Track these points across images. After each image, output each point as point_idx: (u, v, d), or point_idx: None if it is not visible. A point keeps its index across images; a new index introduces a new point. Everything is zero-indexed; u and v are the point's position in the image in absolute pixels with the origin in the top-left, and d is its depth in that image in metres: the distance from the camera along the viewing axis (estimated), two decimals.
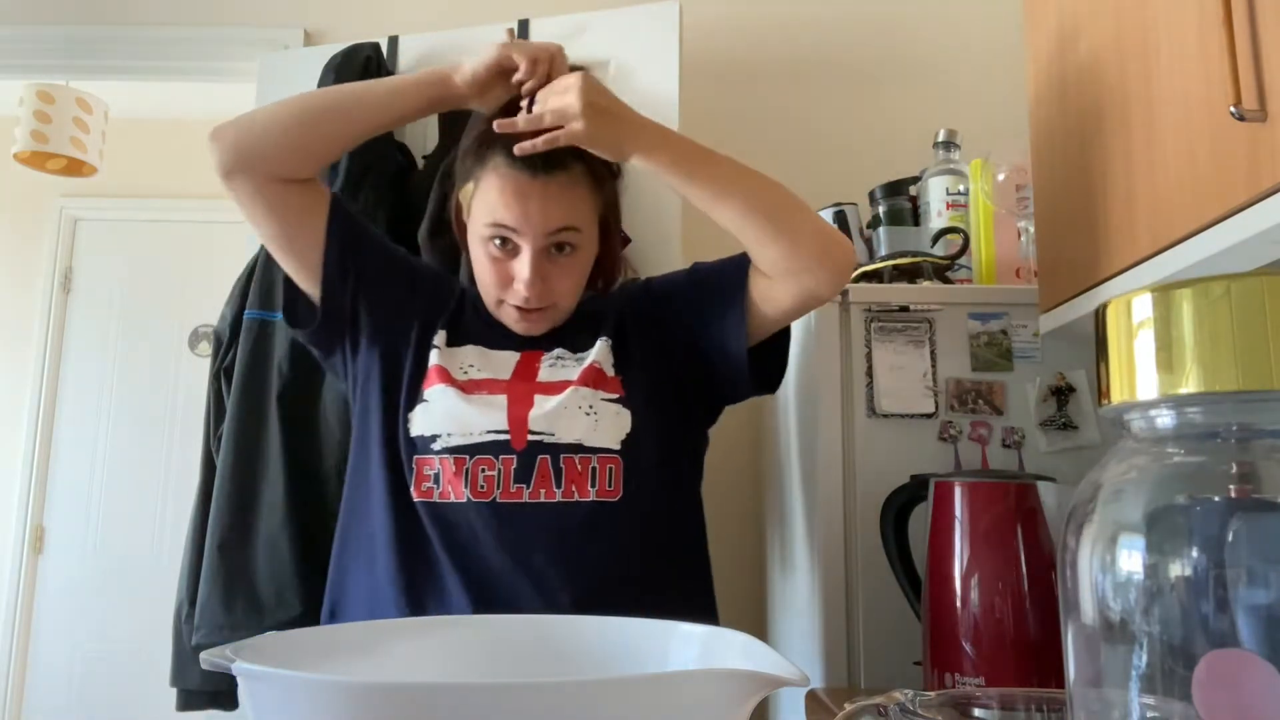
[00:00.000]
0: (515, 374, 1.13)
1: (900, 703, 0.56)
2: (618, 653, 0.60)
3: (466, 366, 1.13)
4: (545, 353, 1.15)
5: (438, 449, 1.07)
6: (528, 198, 1.08)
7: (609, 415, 1.09)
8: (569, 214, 1.10)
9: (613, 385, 1.12)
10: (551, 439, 1.06)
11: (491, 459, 1.06)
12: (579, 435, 1.06)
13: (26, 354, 3.61)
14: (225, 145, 1.10)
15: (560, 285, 1.13)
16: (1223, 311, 0.36)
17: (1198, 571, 0.36)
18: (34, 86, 2.99)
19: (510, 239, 1.10)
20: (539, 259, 1.10)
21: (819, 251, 1.08)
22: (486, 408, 1.08)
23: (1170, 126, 0.88)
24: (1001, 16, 2.01)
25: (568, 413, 1.07)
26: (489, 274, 1.12)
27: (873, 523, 1.17)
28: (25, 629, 3.46)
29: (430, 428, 1.08)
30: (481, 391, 1.10)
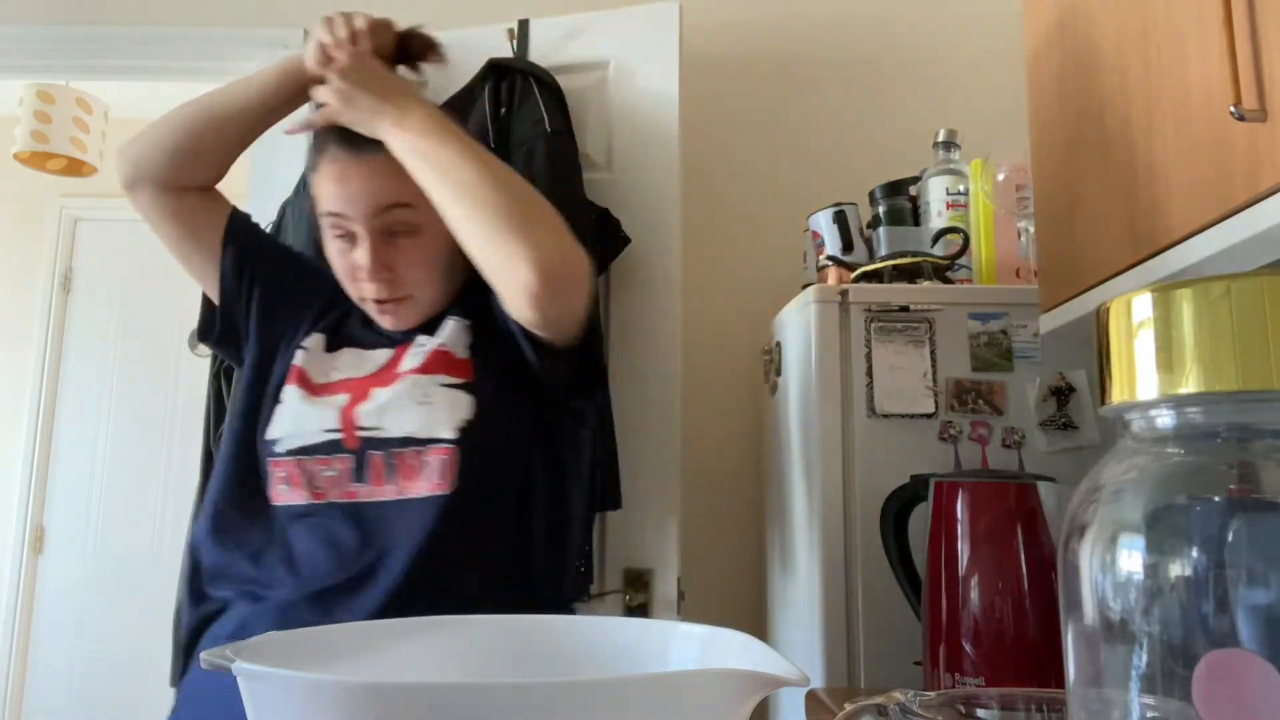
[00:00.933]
0: (378, 370, 1.09)
1: (900, 703, 0.56)
2: (618, 653, 0.60)
3: (333, 369, 1.11)
4: (411, 343, 1.10)
5: (281, 451, 1.05)
6: (350, 179, 1.05)
7: (445, 403, 1.03)
8: (396, 190, 1.05)
9: (461, 369, 1.06)
10: (381, 434, 1.02)
11: (328, 459, 1.03)
12: (410, 428, 1.02)
13: (26, 354, 3.61)
14: (124, 160, 1.13)
15: (408, 272, 1.08)
16: (1223, 311, 0.36)
17: (1198, 571, 0.36)
18: (34, 86, 2.99)
19: (345, 229, 1.07)
20: (376, 245, 1.06)
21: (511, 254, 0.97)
22: (325, 407, 1.06)
23: (1170, 126, 0.88)
24: (1001, 16, 2.01)
25: (397, 405, 1.03)
26: (340, 270, 1.10)
27: (873, 523, 1.17)
28: (25, 629, 3.46)
29: (278, 430, 1.06)
30: (329, 393, 1.08)
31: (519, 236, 0.97)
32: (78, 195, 3.65)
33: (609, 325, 1.67)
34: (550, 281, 0.97)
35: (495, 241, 0.98)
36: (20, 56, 2.21)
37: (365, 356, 1.12)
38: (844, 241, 1.58)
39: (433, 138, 1.02)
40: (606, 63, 1.74)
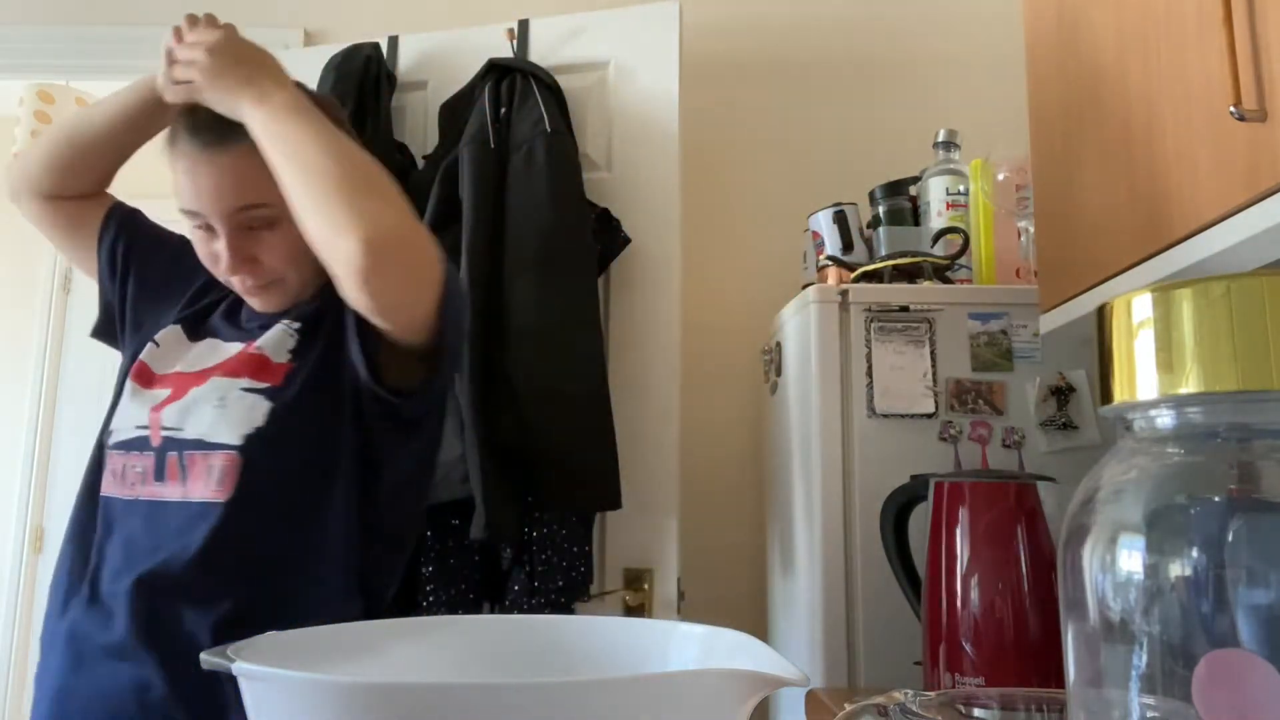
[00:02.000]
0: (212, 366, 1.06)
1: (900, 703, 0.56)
2: (618, 653, 0.60)
3: (177, 361, 1.09)
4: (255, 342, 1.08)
5: (111, 444, 1.06)
6: (199, 175, 1.02)
7: (240, 408, 1.00)
8: (247, 190, 1.02)
9: (270, 373, 1.03)
10: (180, 434, 1.01)
11: (139, 455, 1.03)
12: (202, 430, 1.00)
13: (26, 354, 3.61)
14: (9, 173, 1.19)
15: (269, 260, 1.05)
16: (1223, 311, 0.36)
17: (1198, 571, 0.36)
18: (34, 86, 2.99)
19: (203, 223, 1.04)
20: (235, 239, 1.03)
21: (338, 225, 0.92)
22: (144, 402, 1.06)
23: (1170, 126, 0.88)
24: (1001, 17, 2.01)
25: (198, 406, 1.02)
26: (204, 258, 1.07)
27: (873, 523, 1.17)
28: (25, 629, 3.46)
29: (112, 423, 1.08)
30: (156, 386, 1.07)
31: (348, 209, 0.92)
32: None
33: (609, 325, 1.68)
34: (378, 256, 0.91)
35: (325, 213, 0.93)
36: (20, 56, 2.21)
37: (219, 349, 1.09)
38: (844, 241, 1.58)
39: (290, 119, 0.98)
40: (606, 63, 1.74)
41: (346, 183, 0.94)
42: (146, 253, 1.21)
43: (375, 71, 1.75)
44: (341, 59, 1.75)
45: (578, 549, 1.53)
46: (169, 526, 0.99)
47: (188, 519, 0.99)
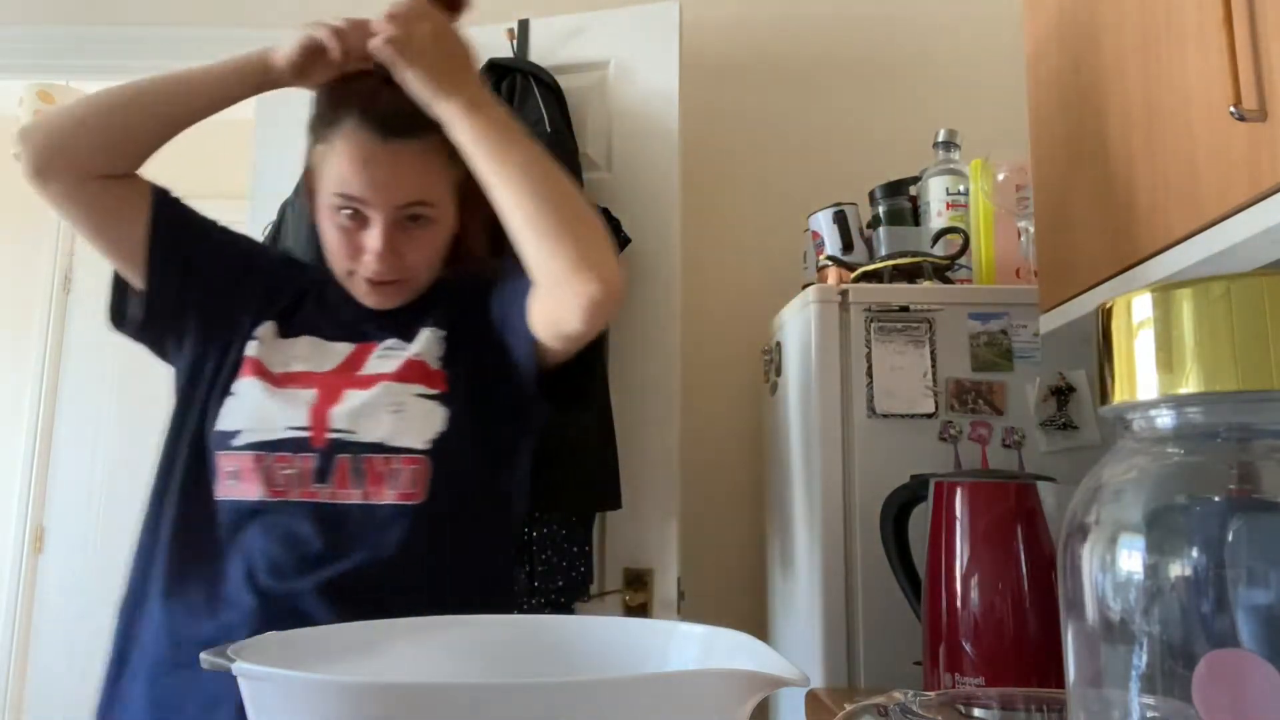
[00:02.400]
0: (340, 366, 1.06)
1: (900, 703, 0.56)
2: (618, 653, 0.60)
3: (291, 358, 1.07)
4: (378, 344, 1.08)
5: (238, 444, 1.01)
6: (376, 165, 1.01)
7: (419, 413, 1.01)
8: (421, 187, 1.03)
9: (435, 380, 1.04)
10: (352, 437, 1.00)
11: (290, 456, 1.00)
12: (382, 435, 1.00)
13: (26, 354, 3.61)
14: (35, 145, 1.04)
15: (414, 258, 1.06)
16: (1223, 311, 0.36)
17: (1198, 571, 0.36)
18: (34, 86, 2.99)
19: (359, 209, 1.03)
20: (390, 231, 1.03)
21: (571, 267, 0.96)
22: (291, 402, 1.02)
23: (1170, 126, 0.88)
24: (1001, 17, 2.01)
25: (372, 410, 1.01)
26: (337, 245, 1.06)
27: (873, 523, 1.17)
28: (25, 629, 3.46)
29: (233, 422, 1.02)
30: (294, 385, 1.04)
31: (585, 247, 0.97)
32: None
33: (610, 328, 1.67)
34: (614, 299, 0.98)
35: (562, 247, 0.97)
36: (20, 56, 2.21)
37: (325, 348, 1.08)
38: (844, 241, 1.58)
39: (511, 138, 1.00)
40: (606, 63, 1.74)
41: (578, 220, 0.98)
42: (207, 247, 1.13)
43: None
44: None
45: (578, 549, 1.53)
46: (348, 529, 0.98)
47: (378, 522, 0.99)
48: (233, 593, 0.97)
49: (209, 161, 3.73)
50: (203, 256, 1.11)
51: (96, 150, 1.05)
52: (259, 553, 0.98)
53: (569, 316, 0.98)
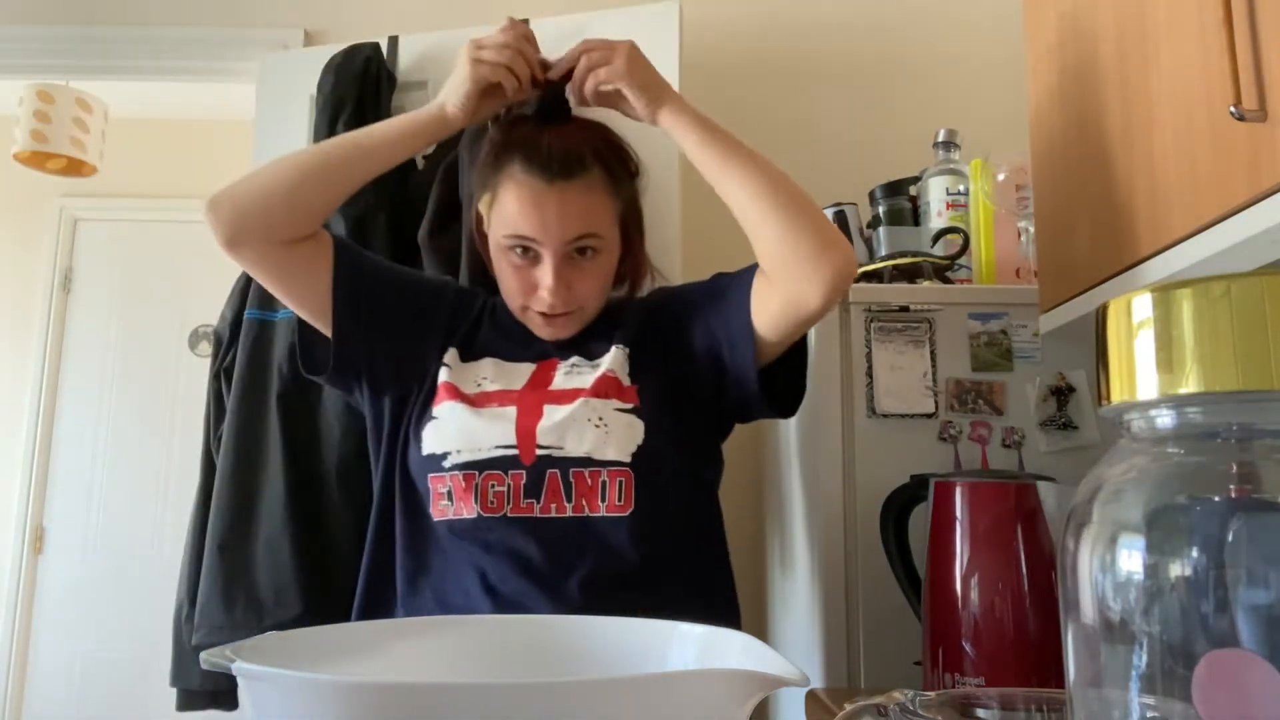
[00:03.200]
0: (529, 384, 1.12)
1: (900, 703, 0.56)
2: (618, 653, 0.60)
3: (480, 379, 1.13)
4: (561, 361, 1.14)
5: (448, 466, 1.06)
6: (545, 206, 1.07)
7: (620, 426, 1.06)
8: (588, 221, 1.09)
9: (628, 394, 1.09)
10: (560, 453, 1.04)
11: (501, 474, 1.05)
12: (588, 448, 1.04)
13: (26, 354, 3.61)
14: (224, 218, 1.08)
15: (584, 289, 1.12)
16: (1223, 311, 0.36)
17: (1198, 571, 0.36)
18: (34, 86, 2.99)
19: (531, 247, 1.09)
20: (560, 265, 1.09)
21: (819, 244, 1.03)
22: (495, 421, 1.07)
23: (1170, 126, 0.88)
24: (1001, 17, 2.01)
25: (576, 425, 1.05)
26: (513, 282, 1.12)
27: (873, 523, 1.17)
28: (25, 629, 3.46)
29: (441, 445, 1.07)
30: (492, 404, 1.09)
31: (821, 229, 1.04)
32: (78, 195, 3.65)
33: None
34: (851, 274, 1.05)
35: (803, 230, 1.04)
36: (20, 56, 2.21)
37: (508, 368, 1.14)
38: None
39: (720, 129, 1.10)
40: None
41: (810, 205, 1.06)
42: (393, 292, 1.18)
43: (375, 71, 1.75)
44: (341, 59, 1.75)
45: None
46: (566, 542, 1.03)
47: (592, 534, 1.04)
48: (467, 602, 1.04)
49: (209, 161, 3.73)
50: (385, 302, 1.17)
51: (284, 220, 1.10)
52: (489, 566, 1.04)
53: (811, 293, 1.03)
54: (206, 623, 1.53)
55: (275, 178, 1.10)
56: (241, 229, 1.08)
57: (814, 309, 1.04)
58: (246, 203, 1.09)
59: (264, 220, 1.09)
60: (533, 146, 1.09)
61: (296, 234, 1.11)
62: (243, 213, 1.08)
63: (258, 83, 1.92)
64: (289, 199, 1.09)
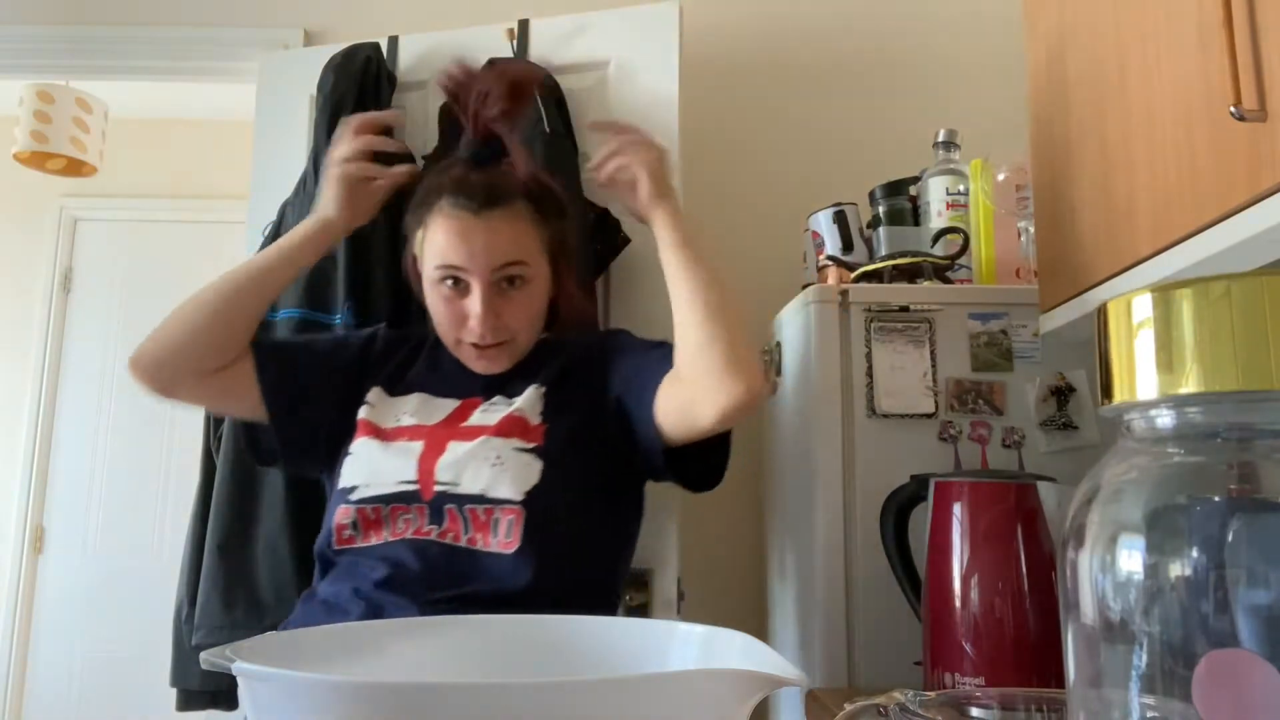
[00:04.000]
0: (445, 420, 1.15)
1: (900, 703, 0.56)
2: (618, 653, 0.60)
3: (400, 415, 1.17)
4: (484, 400, 1.17)
5: (354, 499, 1.09)
6: (472, 236, 1.13)
7: (517, 465, 1.09)
8: (514, 248, 1.14)
9: (533, 434, 1.12)
10: (456, 489, 1.08)
11: (405, 506, 1.08)
12: (482, 486, 1.07)
13: (26, 354, 3.61)
14: (149, 374, 1.17)
15: (513, 319, 1.16)
16: (1223, 311, 0.36)
17: (1198, 571, 0.36)
18: (34, 86, 2.99)
19: (460, 278, 1.14)
20: (489, 294, 1.13)
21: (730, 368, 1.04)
22: (401, 456, 1.11)
23: (1170, 126, 0.88)
24: (1001, 17, 2.01)
25: (474, 462, 1.08)
26: (444, 315, 1.16)
27: (873, 523, 1.17)
28: (25, 629, 3.46)
29: (351, 479, 1.11)
30: (402, 438, 1.13)
31: (740, 355, 1.05)
32: (78, 195, 3.64)
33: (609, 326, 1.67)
34: (752, 404, 1.05)
35: (723, 351, 1.05)
36: (20, 56, 2.21)
37: (433, 403, 1.18)
38: (844, 241, 1.58)
39: (694, 247, 1.12)
40: (606, 63, 1.74)
41: (740, 327, 1.08)
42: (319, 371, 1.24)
43: (375, 71, 1.74)
44: (341, 59, 1.75)
45: None
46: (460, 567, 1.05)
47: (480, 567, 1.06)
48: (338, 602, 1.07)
49: (209, 161, 3.73)
50: (313, 383, 1.23)
51: (202, 360, 1.17)
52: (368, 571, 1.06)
53: (705, 410, 1.05)
54: (206, 623, 1.53)
55: (183, 326, 1.17)
56: (168, 380, 1.17)
57: (704, 425, 1.06)
58: (164, 356, 1.17)
59: (185, 365, 1.17)
60: (461, 183, 1.16)
61: (220, 365, 1.18)
62: (163, 365, 1.17)
63: (258, 83, 1.92)
64: (202, 341, 1.17)
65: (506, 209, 1.15)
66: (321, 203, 1.22)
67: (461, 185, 1.16)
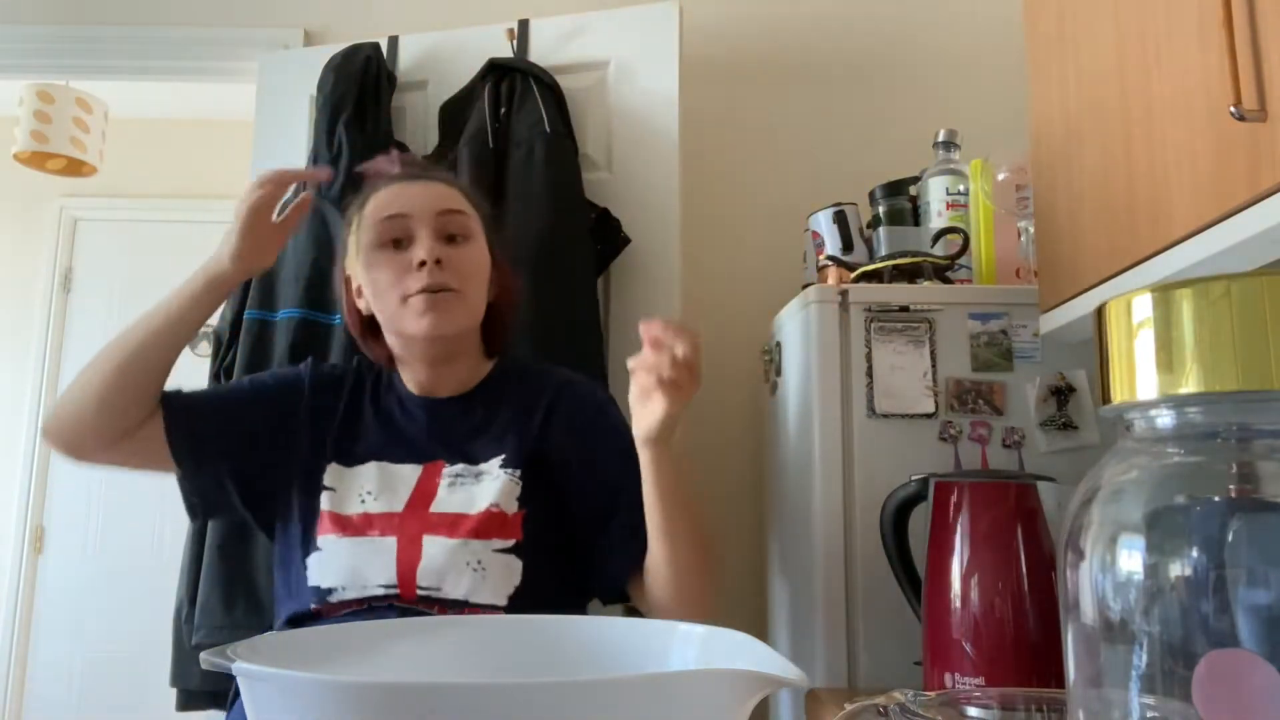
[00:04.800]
0: (411, 501, 1.11)
1: (900, 703, 0.56)
2: (618, 653, 0.60)
3: (363, 494, 1.13)
4: (447, 465, 1.13)
5: (335, 601, 1.07)
6: (410, 189, 1.16)
7: (497, 569, 1.07)
8: (454, 199, 1.17)
9: (511, 528, 1.09)
10: (439, 594, 1.06)
11: (388, 607, 1.07)
12: (464, 592, 1.06)
13: (26, 354, 3.61)
14: (62, 441, 1.13)
15: (462, 267, 1.14)
16: (1223, 311, 0.36)
17: (1198, 571, 0.36)
18: (34, 86, 2.99)
19: (404, 230, 1.13)
20: (435, 237, 1.13)
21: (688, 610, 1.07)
22: (376, 555, 1.08)
23: (1170, 126, 0.88)
24: (1001, 16, 2.01)
25: (455, 569, 1.06)
26: (387, 278, 1.13)
27: (873, 523, 1.17)
28: (25, 629, 3.46)
29: (326, 579, 1.08)
30: (373, 531, 1.10)
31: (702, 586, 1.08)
32: (78, 195, 3.64)
33: (609, 325, 1.67)
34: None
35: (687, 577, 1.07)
36: (20, 56, 2.21)
37: (391, 474, 1.13)
38: (844, 241, 1.58)
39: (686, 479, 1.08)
40: (606, 63, 1.74)
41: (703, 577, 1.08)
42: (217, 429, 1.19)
43: (375, 71, 1.74)
44: (341, 59, 1.75)
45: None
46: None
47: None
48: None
49: (209, 161, 3.73)
50: (222, 431, 1.18)
51: (110, 424, 1.12)
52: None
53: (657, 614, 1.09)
54: (206, 623, 1.53)
55: (86, 392, 1.12)
56: (79, 446, 1.13)
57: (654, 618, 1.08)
58: (71, 423, 1.13)
59: (92, 432, 1.12)
60: (388, 166, 1.22)
61: (130, 425, 1.13)
62: (71, 431, 1.13)
63: (258, 83, 1.92)
64: (105, 407, 1.11)
65: (440, 180, 1.20)
66: (215, 255, 1.14)
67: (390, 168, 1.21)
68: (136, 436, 1.14)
